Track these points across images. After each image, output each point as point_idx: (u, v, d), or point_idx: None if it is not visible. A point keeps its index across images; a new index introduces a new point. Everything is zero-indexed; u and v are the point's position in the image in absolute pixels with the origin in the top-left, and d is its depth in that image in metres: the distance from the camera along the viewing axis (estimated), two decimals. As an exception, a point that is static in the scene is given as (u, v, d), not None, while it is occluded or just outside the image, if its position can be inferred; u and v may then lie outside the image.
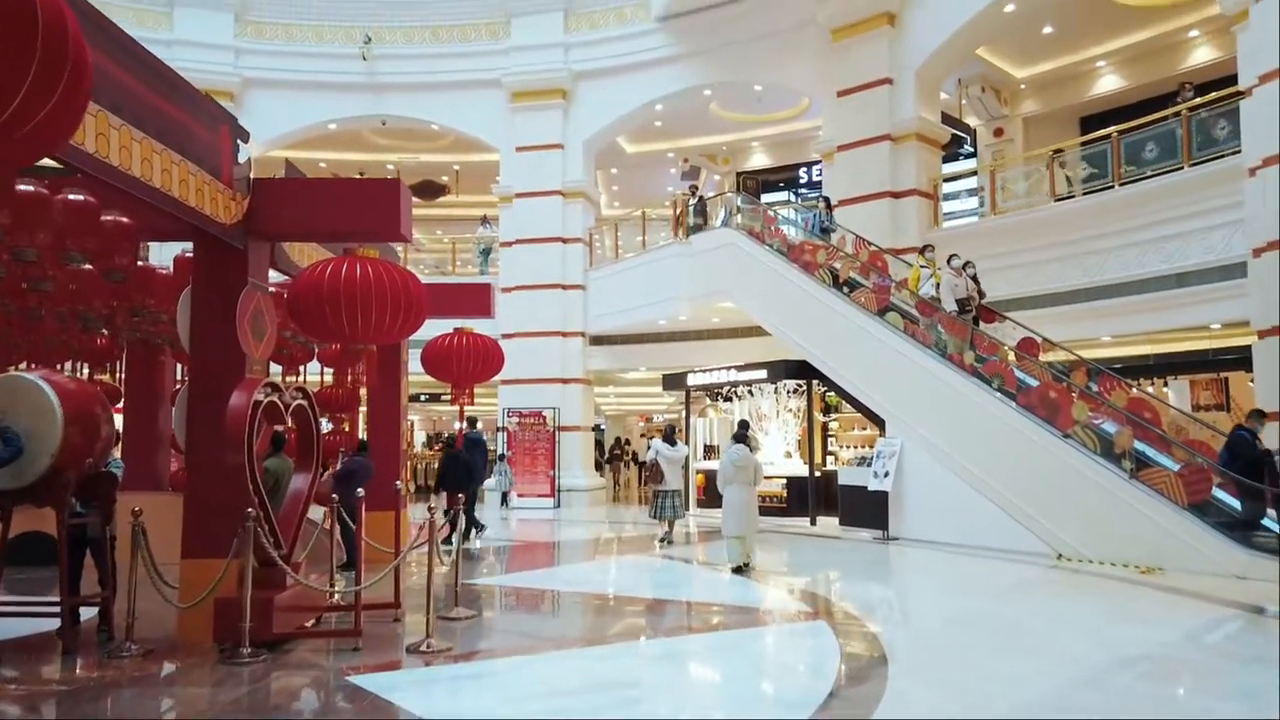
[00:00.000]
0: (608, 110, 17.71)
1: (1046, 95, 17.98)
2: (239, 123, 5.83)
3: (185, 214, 5.14)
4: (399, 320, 5.87)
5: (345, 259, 5.91)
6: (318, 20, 18.48)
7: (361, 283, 5.73)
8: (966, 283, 11.68)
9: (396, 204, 5.90)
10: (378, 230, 5.98)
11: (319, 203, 6.00)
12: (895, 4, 14.79)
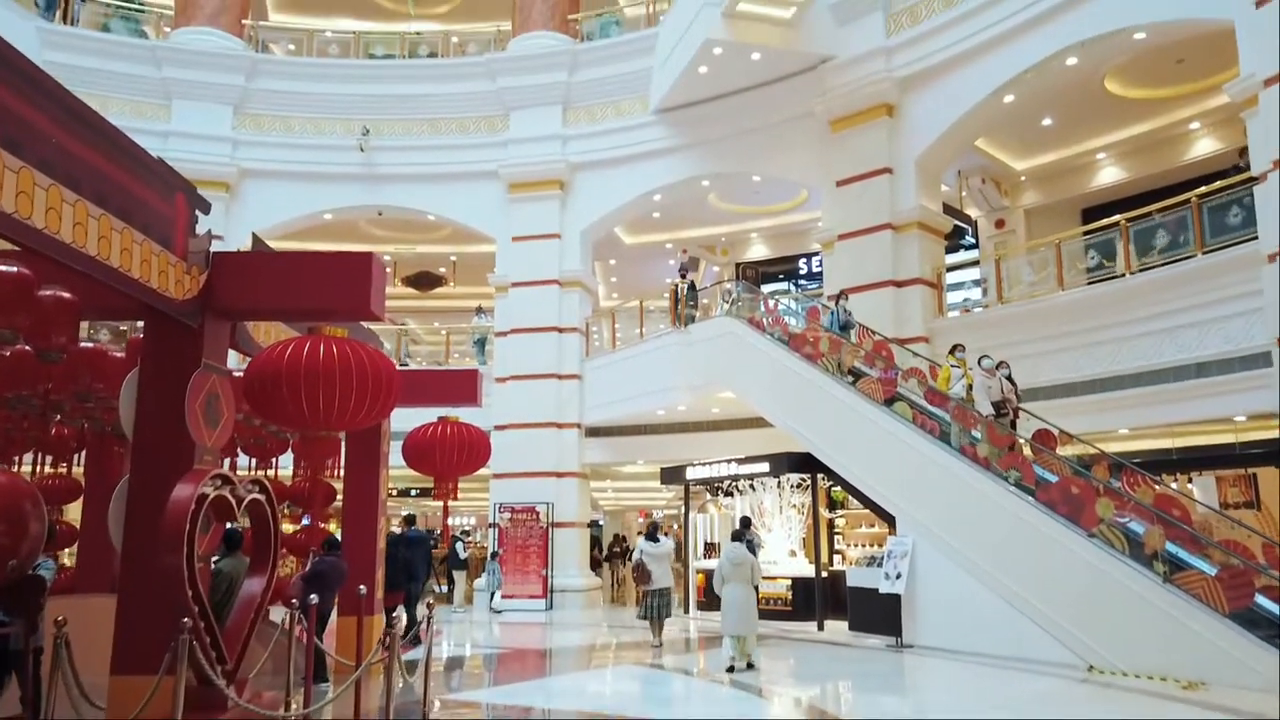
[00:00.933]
0: (605, 200, 17.56)
1: (1047, 187, 17.85)
2: (199, 193, 5.42)
3: (128, 287, 4.66)
4: (365, 404, 5.34)
5: (308, 338, 5.42)
6: (317, 113, 18.50)
7: (325, 363, 5.21)
8: (1001, 384, 11.00)
9: (367, 279, 5.44)
10: (347, 307, 5.51)
11: (283, 278, 5.55)
12: (894, 95, 14.74)
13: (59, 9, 17.96)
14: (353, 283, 5.46)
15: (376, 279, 5.55)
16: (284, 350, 5.31)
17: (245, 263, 5.53)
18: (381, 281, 5.64)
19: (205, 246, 5.46)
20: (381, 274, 5.63)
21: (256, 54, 18.46)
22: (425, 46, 19.74)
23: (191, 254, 5.28)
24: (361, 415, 5.40)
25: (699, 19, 14.58)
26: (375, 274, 5.53)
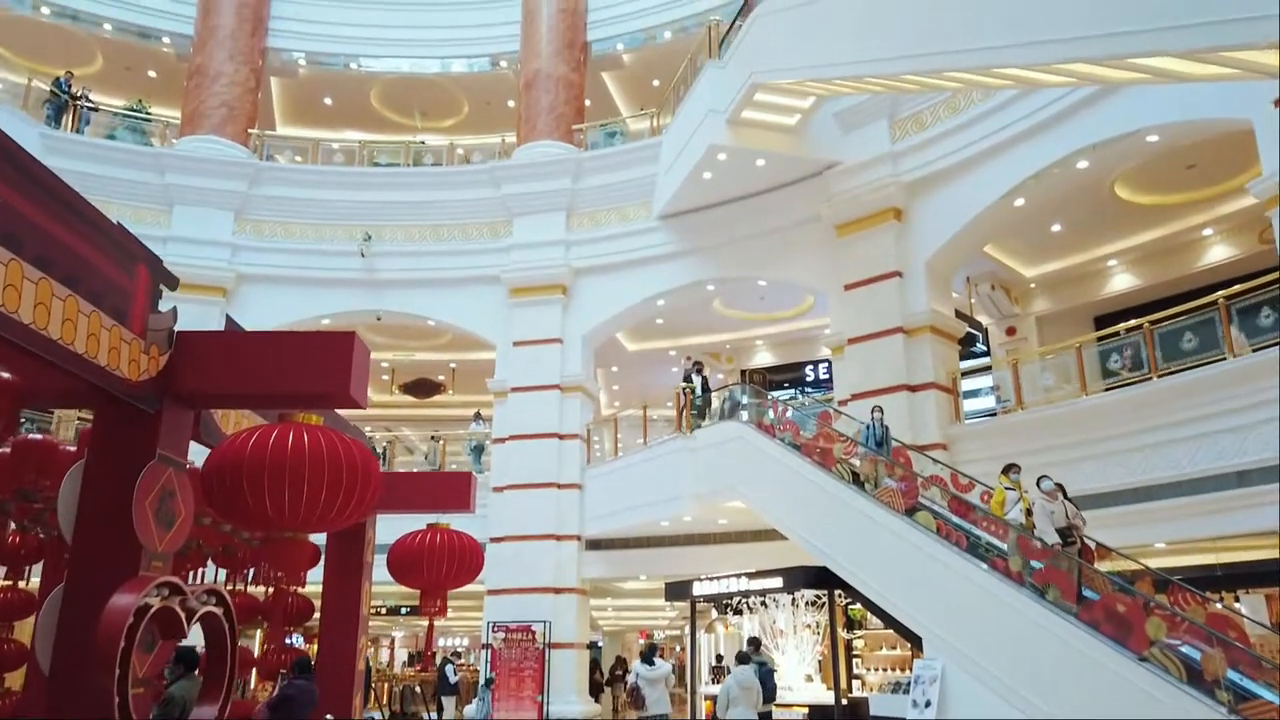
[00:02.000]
0: (608, 305, 17.23)
1: (1058, 294, 17.53)
2: (165, 267, 4.92)
3: (70, 364, 4.10)
4: (339, 500, 4.69)
5: (275, 425, 4.82)
6: (319, 219, 18.38)
7: (293, 452, 4.60)
8: (1064, 508, 10.01)
9: (348, 361, 4.87)
10: (324, 392, 4.93)
11: (254, 360, 4.98)
12: (901, 200, 14.55)
13: (67, 118, 18.06)
14: (331, 365, 4.88)
15: (358, 361, 4.98)
16: (247, 439, 4.71)
17: (212, 343, 4.98)
18: (364, 364, 5.07)
19: (168, 325, 4.92)
20: (364, 356, 5.07)
21: (260, 161, 18.46)
22: (430, 156, 19.82)
23: (151, 331, 4.73)
24: (334, 514, 4.75)
25: (703, 125, 14.54)
26: (357, 355, 4.96)
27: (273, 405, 5.36)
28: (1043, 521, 9.81)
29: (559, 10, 19.03)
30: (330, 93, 21.62)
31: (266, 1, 19.86)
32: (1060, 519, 9.91)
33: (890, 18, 10.32)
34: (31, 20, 19.24)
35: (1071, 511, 10.06)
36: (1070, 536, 9.86)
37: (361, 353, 5.10)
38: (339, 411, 6.79)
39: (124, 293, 4.51)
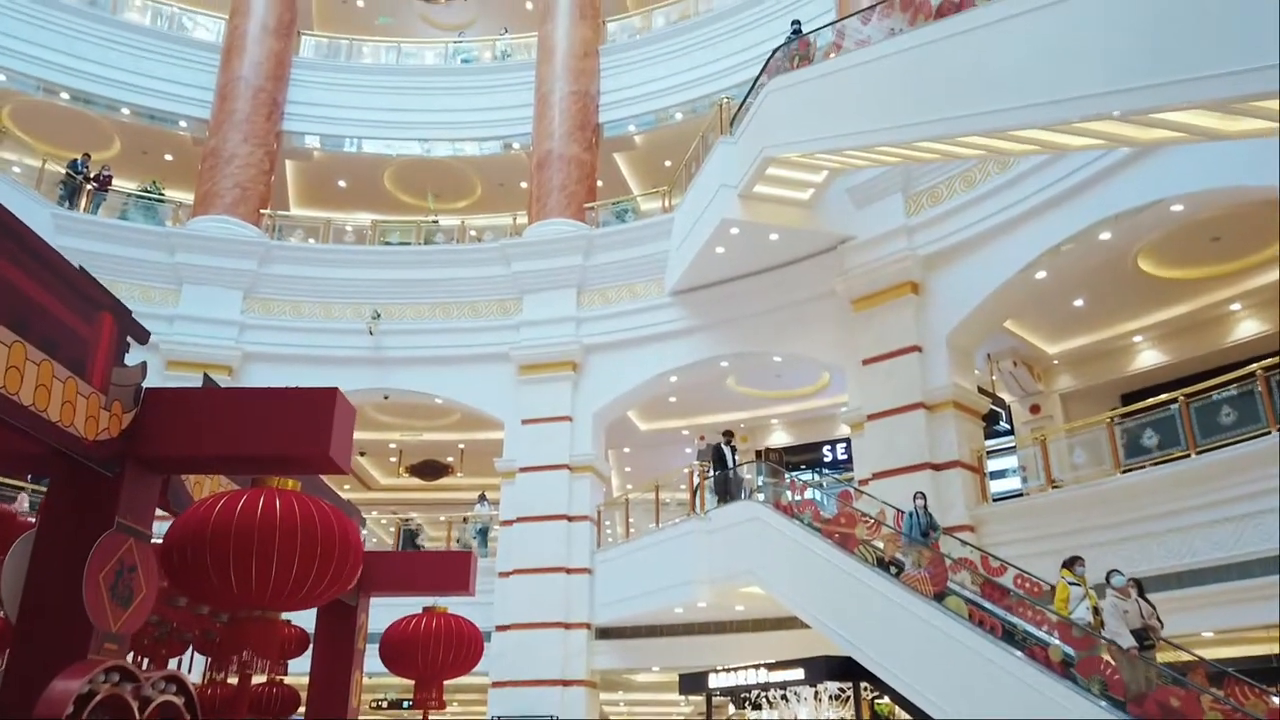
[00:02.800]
0: (619, 382, 16.83)
1: (1083, 371, 17.05)
2: (135, 318, 4.55)
3: (15, 417, 3.69)
4: (310, 575, 4.19)
5: (245, 490, 4.37)
6: (327, 297, 18.22)
7: (261, 521, 4.13)
8: (1139, 607, 9.11)
9: (328, 420, 4.44)
10: (302, 455, 4.48)
11: (226, 419, 4.56)
12: (918, 273, 14.22)
13: (81, 200, 18.13)
14: (310, 424, 4.45)
15: (340, 420, 4.55)
16: (211, 505, 4.25)
17: (181, 401, 4.56)
18: (347, 424, 4.64)
19: (135, 381, 4.52)
20: (348, 415, 4.64)
21: (271, 240, 18.42)
22: (442, 235, 19.78)
23: (115, 387, 4.34)
24: (307, 589, 4.25)
25: (716, 199, 14.37)
26: (339, 414, 4.53)
27: (246, 470, 4.91)
28: (1114, 621, 8.89)
29: (571, 93, 19.18)
30: (344, 175, 21.76)
31: (283, 86, 20.13)
32: (1135, 619, 8.98)
33: (903, 84, 10.17)
34: (50, 105, 19.52)
35: (1146, 611, 9.11)
36: (1148, 639, 8.92)
37: (344, 411, 4.67)
38: (325, 478, 6.35)
39: (83, 342, 4.13)
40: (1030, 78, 8.12)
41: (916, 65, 9.89)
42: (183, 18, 20.89)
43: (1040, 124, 8.09)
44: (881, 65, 10.62)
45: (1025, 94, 8.14)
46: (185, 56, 20.18)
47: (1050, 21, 7.83)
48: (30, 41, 18.72)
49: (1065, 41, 7.71)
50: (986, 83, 8.69)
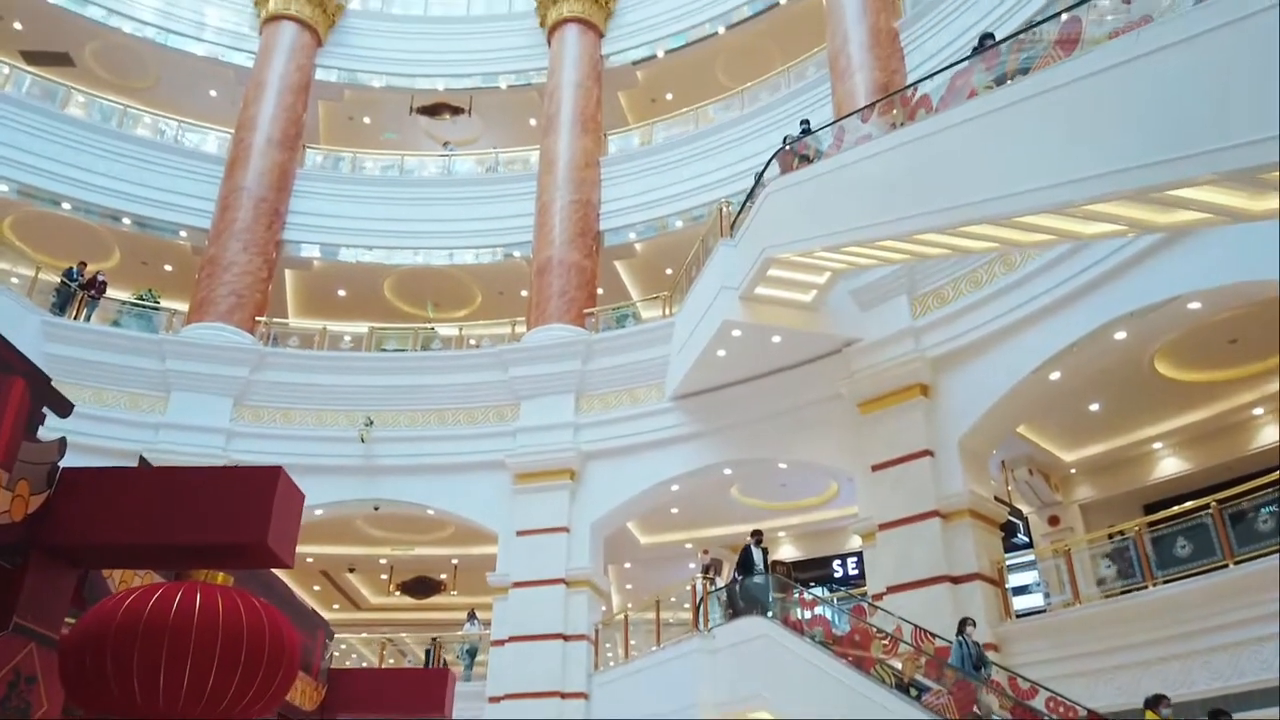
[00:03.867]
0: (619, 490, 16.14)
1: (1102, 480, 16.37)
2: (56, 389, 4.04)
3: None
4: (232, 685, 3.54)
5: (162, 585, 3.76)
6: (320, 405, 17.76)
7: (176, 619, 3.49)
8: None
9: (268, 505, 3.89)
10: (236, 544, 3.90)
11: (152, 504, 4.00)
12: (927, 375, 13.74)
13: (73, 308, 17.88)
14: (246, 508, 3.89)
15: (284, 504, 3.98)
16: (120, 600, 3.63)
17: (101, 482, 4.00)
18: (292, 508, 4.08)
19: (50, 459, 3.99)
20: (293, 499, 4.08)
21: (265, 347, 18.08)
22: (439, 343, 19.48)
23: (22, 464, 3.79)
24: (228, 702, 3.58)
25: (716, 302, 14.04)
26: (282, 497, 3.97)
27: (176, 562, 4.29)
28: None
29: (572, 201, 19.19)
30: (344, 285, 21.64)
31: (285, 197, 20.21)
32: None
33: (905, 177, 9.91)
34: (51, 216, 19.56)
35: None
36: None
37: (289, 495, 4.10)
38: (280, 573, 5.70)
39: (-19, 409, 3.62)
40: (1039, 161, 7.82)
41: (919, 157, 9.66)
42: (188, 131, 21.15)
43: (1051, 206, 7.74)
44: (882, 160, 10.42)
45: (1034, 177, 7.82)
46: (188, 168, 20.35)
47: (1058, 104, 7.58)
48: (35, 153, 18.87)
49: (1074, 123, 7.44)
50: (993, 169, 8.41)
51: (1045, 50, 7.89)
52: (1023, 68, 8.07)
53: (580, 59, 21.09)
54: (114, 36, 21.43)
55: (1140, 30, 6.75)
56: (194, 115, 21.77)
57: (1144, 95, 6.69)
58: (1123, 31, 7.14)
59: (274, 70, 20.90)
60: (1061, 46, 7.83)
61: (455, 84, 22.59)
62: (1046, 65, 7.88)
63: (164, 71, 22.47)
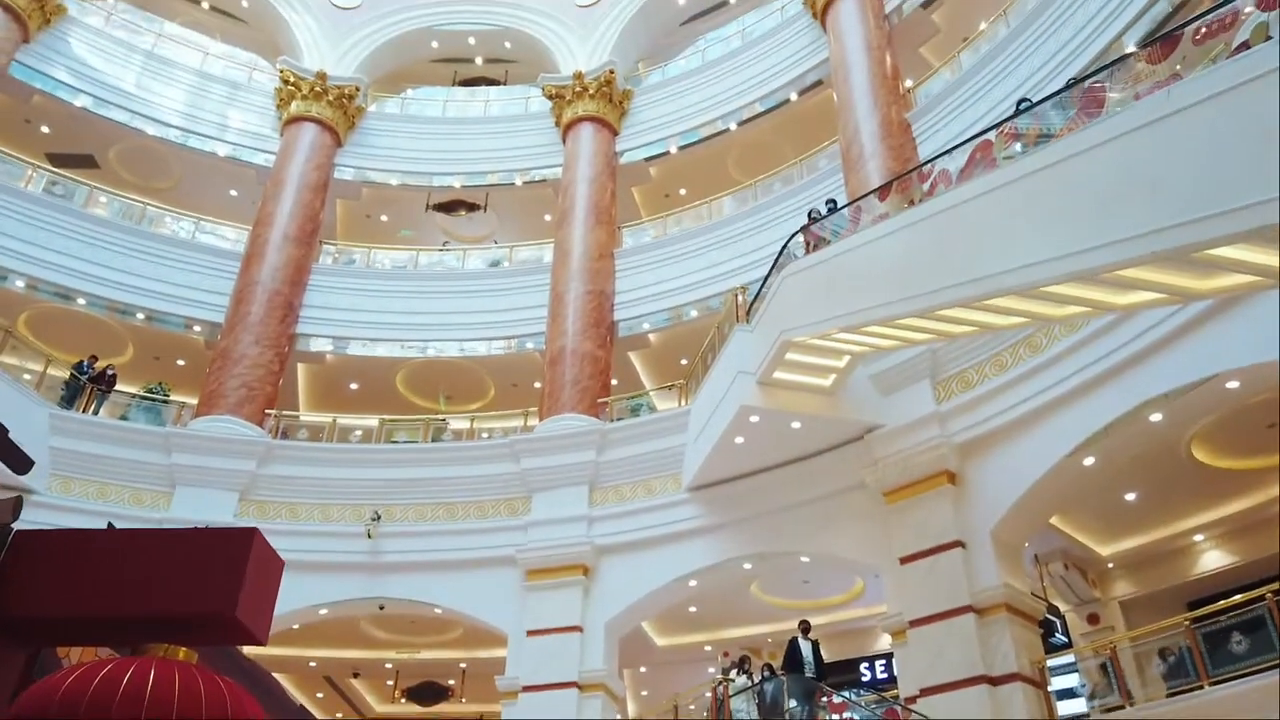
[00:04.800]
0: (634, 587, 15.42)
1: (1142, 575, 15.58)
2: (11, 440, 3.69)
3: None
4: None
5: (115, 660, 3.32)
6: (327, 499, 17.29)
7: (125, 699, 3.05)
8: None
9: (239, 571, 3.48)
10: (199, 615, 3.48)
11: (111, 571, 3.58)
12: (954, 462, 13.20)
13: (81, 401, 17.69)
14: (214, 575, 3.48)
15: (259, 570, 3.57)
16: (61, 681, 3.18)
17: (53, 548, 3.60)
18: (267, 577, 3.67)
19: (5, 520, 3.60)
20: (269, 566, 3.67)
21: (273, 440, 17.75)
22: (450, 435, 19.12)
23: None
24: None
25: (733, 388, 13.68)
26: (257, 563, 3.57)
27: (136, 636, 3.83)
28: None
29: (586, 292, 19.09)
30: (356, 378, 21.44)
31: (299, 291, 20.21)
32: None
33: (925, 251, 9.64)
34: (66, 311, 19.58)
35: None
36: None
37: (266, 562, 3.70)
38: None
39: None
40: (1066, 226, 7.53)
41: (938, 230, 9.42)
42: (205, 228, 21.34)
43: (1080, 273, 7.39)
44: (901, 236, 10.18)
45: (1061, 243, 7.52)
46: (204, 264, 20.43)
47: (1084, 168, 7.35)
48: (53, 250, 18.99)
49: (1102, 185, 7.19)
50: (1017, 238, 8.12)
51: (1069, 117, 7.70)
52: (1045, 134, 7.88)
53: (595, 155, 21.35)
54: (138, 139, 21.88)
55: (1170, 88, 6.54)
56: (213, 213, 22.01)
57: (1178, 151, 6.44)
58: (1147, 93, 6.95)
59: (293, 169, 21.23)
60: (1085, 112, 7.64)
61: (471, 181, 22.91)
62: (1070, 131, 7.67)
63: (185, 172, 22.89)
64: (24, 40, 20.31)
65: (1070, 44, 14.98)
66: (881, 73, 17.96)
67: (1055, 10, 15.45)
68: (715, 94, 21.76)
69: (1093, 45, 14.59)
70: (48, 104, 21.03)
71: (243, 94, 22.99)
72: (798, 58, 20.83)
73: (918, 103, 17.94)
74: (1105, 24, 14.53)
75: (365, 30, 24.39)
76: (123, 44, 22.09)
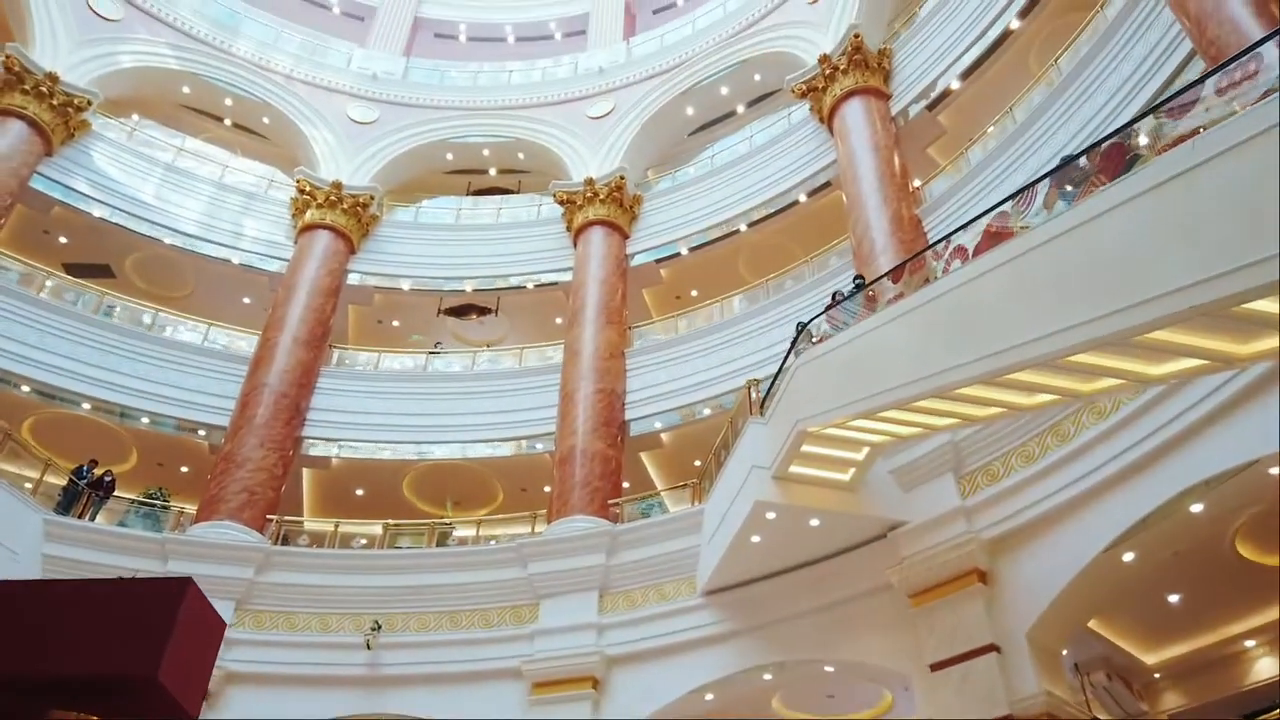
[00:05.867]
0: (647, 701, 14.42)
1: (1192, 685, 14.55)
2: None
3: None
4: None
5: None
6: (326, 608, 16.59)
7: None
8: None
9: (166, 628, 2.99)
10: (117, 676, 2.97)
11: (23, 625, 3.10)
12: (984, 560, 12.45)
13: (78, 507, 17.23)
14: (136, 632, 2.99)
15: (190, 630, 3.08)
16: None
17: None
18: (203, 639, 3.17)
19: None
20: (207, 627, 3.19)
21: (271, 546, 17.15)
22: (455, 541, 18.49)
23: None
24: None
25: (748, 484, 13.10)
26: (189, 619, 3.08)
27: (36, 702, 3.30)
28: None
29: (597, 391, 18.74)
30: (362, 482, 20.95)
31: (307, 394, 19.96)
32: None
33: (945, 327, 9.26)
34: (71, 416, 19.33)
35: None
36: None
37: (200, 618, 3.22)
38: None
39: None
40: (1094, 289, 7.15)
41: (957, 305, 9.06)
42: (216, 333, 21.27)
43: (1109, 336, 6.97)
44: (919, 314, 9.82)
45: (1089, 307, 7.13)
46: (213, 368, 20.24)
47: (1113, 226, 7.02)
48: (61, 354, 18.86)
49: (1133, 242, 6.84)
50: (1042, 304, 7.74)
51: (1090, 176, 7.43)
52: (1065, 192, 7.61)
53: (606, 257, 21.39)
54: (155, 248, 22.10)
55: (1194, 140, 6.27)
56: (225, 319, 22.01)
57: (1210, 201, 6.11)
58: (1169, 147, 6.68)
59: (306, 274, 21.30)
60: (1104, 173, 7.37)
61: (483, 285, 22.95)
62: (1090, 192, 7.39)
63: (200, 280, 23.05)
64: (47, 154, 20.73)
65: (1079, 135, 15.00)
66: (890, 171, 18.04)
67: (1064, 102, 15.56)
68: (724, 197, 21.94)
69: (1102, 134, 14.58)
70: (67, 215, 21.33)
71: (258, 204, 23.34)
72: (805, 160, 21.06)
73: (927, 199, 17.94)
74: (1114, 114, 14.58)
75: (382, 143, 24.95)
76: (143, 157, 22.54)
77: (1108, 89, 15.04)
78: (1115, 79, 14.96)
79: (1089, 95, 15.28)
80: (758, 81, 24.37)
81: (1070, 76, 15.89)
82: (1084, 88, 15.46)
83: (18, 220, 20.93)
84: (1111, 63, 15.00)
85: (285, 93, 25.05)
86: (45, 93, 20.46)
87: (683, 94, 24.71)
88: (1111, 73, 15.02)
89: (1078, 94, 15.53)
